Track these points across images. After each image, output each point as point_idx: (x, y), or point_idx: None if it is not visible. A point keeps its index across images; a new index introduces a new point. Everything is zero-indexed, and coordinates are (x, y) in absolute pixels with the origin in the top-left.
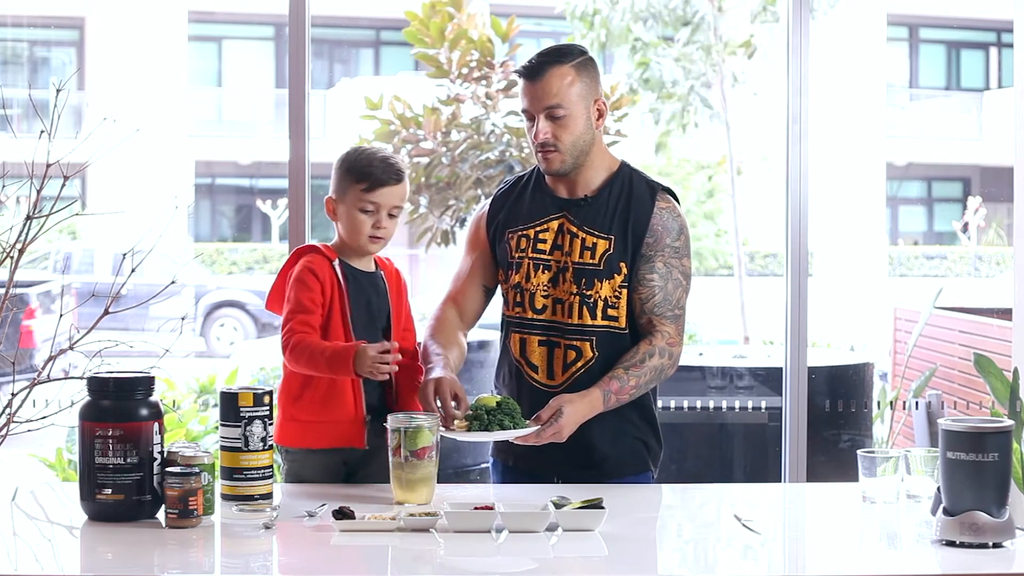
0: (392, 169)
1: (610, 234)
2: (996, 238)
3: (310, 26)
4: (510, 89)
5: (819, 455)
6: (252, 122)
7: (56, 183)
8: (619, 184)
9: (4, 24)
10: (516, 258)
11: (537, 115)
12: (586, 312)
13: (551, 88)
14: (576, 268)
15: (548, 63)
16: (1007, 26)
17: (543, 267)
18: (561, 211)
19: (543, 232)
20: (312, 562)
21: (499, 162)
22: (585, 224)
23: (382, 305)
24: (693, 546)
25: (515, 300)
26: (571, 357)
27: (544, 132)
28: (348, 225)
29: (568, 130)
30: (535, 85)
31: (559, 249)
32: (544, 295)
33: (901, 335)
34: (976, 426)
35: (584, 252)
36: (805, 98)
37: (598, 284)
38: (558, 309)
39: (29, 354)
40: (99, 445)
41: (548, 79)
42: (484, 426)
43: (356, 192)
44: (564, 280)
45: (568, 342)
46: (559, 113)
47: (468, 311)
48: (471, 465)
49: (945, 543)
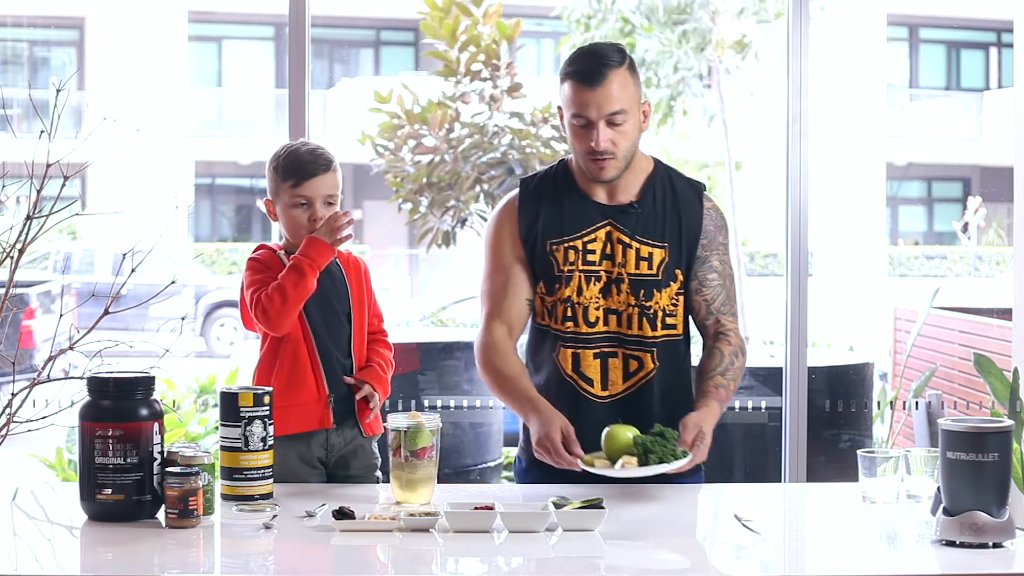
0: (319, 159)
1: (664, 241)
2: (996, 238)
3: (310, 26)
4: (514, 91)
5: (819, 455)
6: (252, 122)
7: (56, 183)
8: (660, 186)
9: (4, 24)
10: (565, 271)
11: (597, 122)
12: (646, 323)
13: (612, 93)
14: (633, 279)
15: (607, 66)
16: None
17: (594, 279)
18: (606, 218)
19: (591, 242)
20: (312, 562)
21: (500, 163)
22: (638, 233)
23: (339, 291)
24: (693, 546)
25: (565, 315)
26: (632, 367)
27: (605, 140)
28: (287, 223)
29: (626, 136)
30: (596, 91)
31: (609, 259)
32: (596, 307)
33: (901, 335)
34: (976, 426)
35: (640, 263)
36: (805, 98)
37: (657, 294)
38: (611, 320)
39: (29, 354)
40: (99, 445)
41: (609, 84)
42: (660, 459)
43: (287, 189)
44: (619, 291)
45: (628, 352)
46: (620, 119)
47: (516, 329)
48: (471, 465)
49: (945, 543)
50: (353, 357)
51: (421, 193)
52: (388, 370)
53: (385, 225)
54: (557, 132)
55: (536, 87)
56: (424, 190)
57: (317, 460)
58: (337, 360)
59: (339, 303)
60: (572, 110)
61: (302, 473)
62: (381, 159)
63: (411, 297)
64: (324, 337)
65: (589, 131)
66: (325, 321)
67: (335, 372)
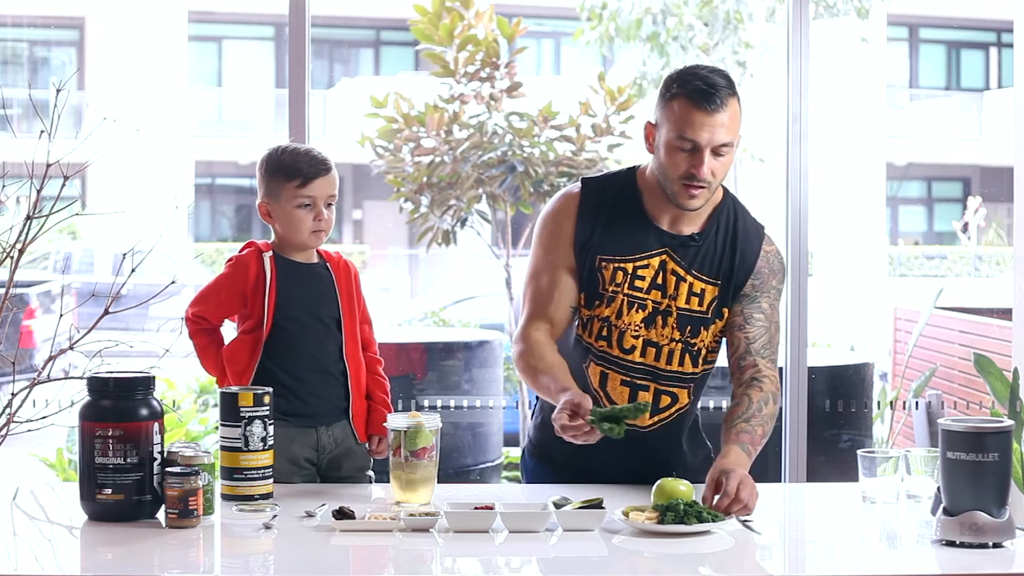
0: (320, 161)
1: (717, 279)
2: (996, 238)
3: (310, 26)
4: (513, 90)
5: (819, 455)
6: (252, 122)
7: (56, 183)
8: (725, 221)
9: (4, 24)
10: (609, 291)
11: (705, 149)
12: (688, 360)
13: (727, 123)
14: (681, 314)
15: (727, 92)
16: (1007, 26)
17: (638, 306)
18: (663, 247)
19: (642, 268)
20: (312, 562)
21: (501, 162)
22: (693, 267)
23: (328, 295)
24: (693, 546)
25: (600, 332)
26: (665, 402)
27: (709, 170)
28: (288, 224)
29: (725, 166)
30: (713, 116)
31: (658, 289)
32: (635, 335)
33: (901, 335)
34: (976, 426)
35: (691, 298)
36: (805, 98)
37: (703, 332)
38: (649, 352)
39: (29, 354)
40: (99, 445)
41: (727, 112)
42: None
43: (290, 190)
44: (664, 324)
45: (662, 387)
46: (725, 152)
47: (558, 330)
48: (471, 465)
49: (945, 543)
50: (346, 361)
51: (421, 192)
52: (388, 400)
53: (385, 225)
54: (558, 133)
55: (536, 87)
56: (424, 190)
57: (305, 460)
58: (327, 369)
59: (329, 310)
60: (680, 131)
61: (286, 472)
62: (381, 160)
63: (411, 297)
64: (308, 348)
65: (693, 156)
66: (310, 333)
67: (323, 380)
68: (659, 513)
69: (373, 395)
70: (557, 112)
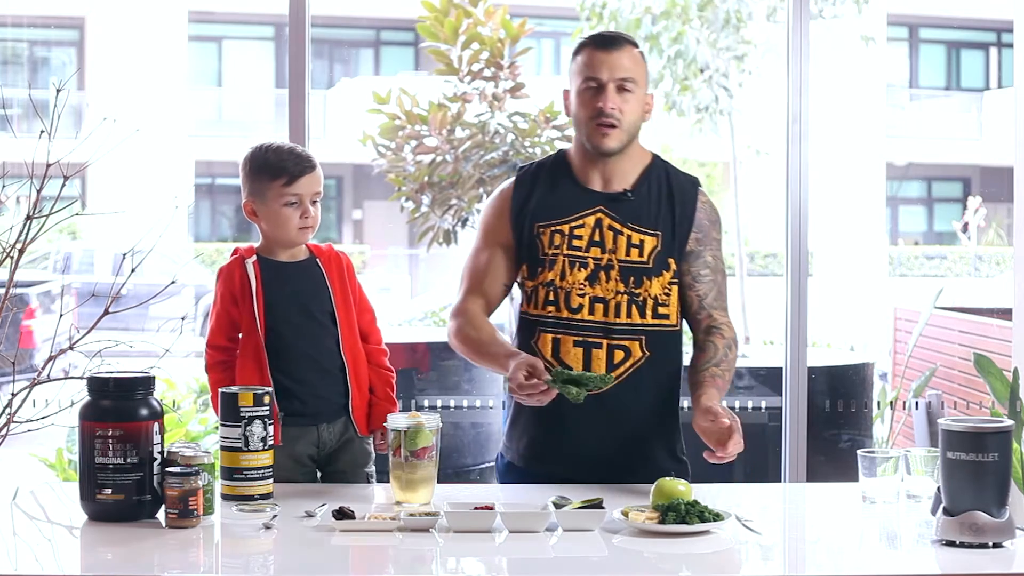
0: (305, 158)
1: (657, 230)
2: (996, 238)
3: (310, 26)
4: (517, 90)
5: (819, 455)
6: (252, 122)
7: (56, 183)
8: (656, 177)
9: (4, 24)
10: (549, 255)
11: (608, 84)
12: (635, 311)
13: (625, 62)
14: (623, 266)
15: (622, 40)
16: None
17: (579, 264)
18: (597, 205)
19: (578, 228)
20: (312, 562)
21: (503, 162)
22: (630, 220)
23: (319, 291)
24: (693, 546)
25: (546, 298)
26: (618, 357)
27: (613, 102)
28: (275, 222)
29: (632, 108)
30: (611, 55)
31: (597, 246)
32: (580, 293)
33: (901, 335)
34: (976, 426)
35: (631, 249)
36: (805, 98)
37: (647, 282)
38: (597, 308)
39: (29, 354)
40: (99, 445)
41: (623, 53)
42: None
43: (276, 188)
44: (608, 278)
45: (614, 342)
46: (629, 87)
47: (492, 306)
48: (471, 465)
49: (945, 543)
50: (345, 357)
51: (422, 192)
52: (392, 394)
53: (385, 225)
54: (560, 133)
55: (536, 87)
56: (425, 189)
57: (307, 458)
58: (325, 367)
59: (322, 304)
60: (584, 74)
61: (288, 469)
62: (383, 159)
63: (411, 297)
64: (305, 348)
65: (598, 95)
66: (305, 333)
67: (322, 379)
68: (660, 513)
69: (376, 390)
70: (558, 112)
